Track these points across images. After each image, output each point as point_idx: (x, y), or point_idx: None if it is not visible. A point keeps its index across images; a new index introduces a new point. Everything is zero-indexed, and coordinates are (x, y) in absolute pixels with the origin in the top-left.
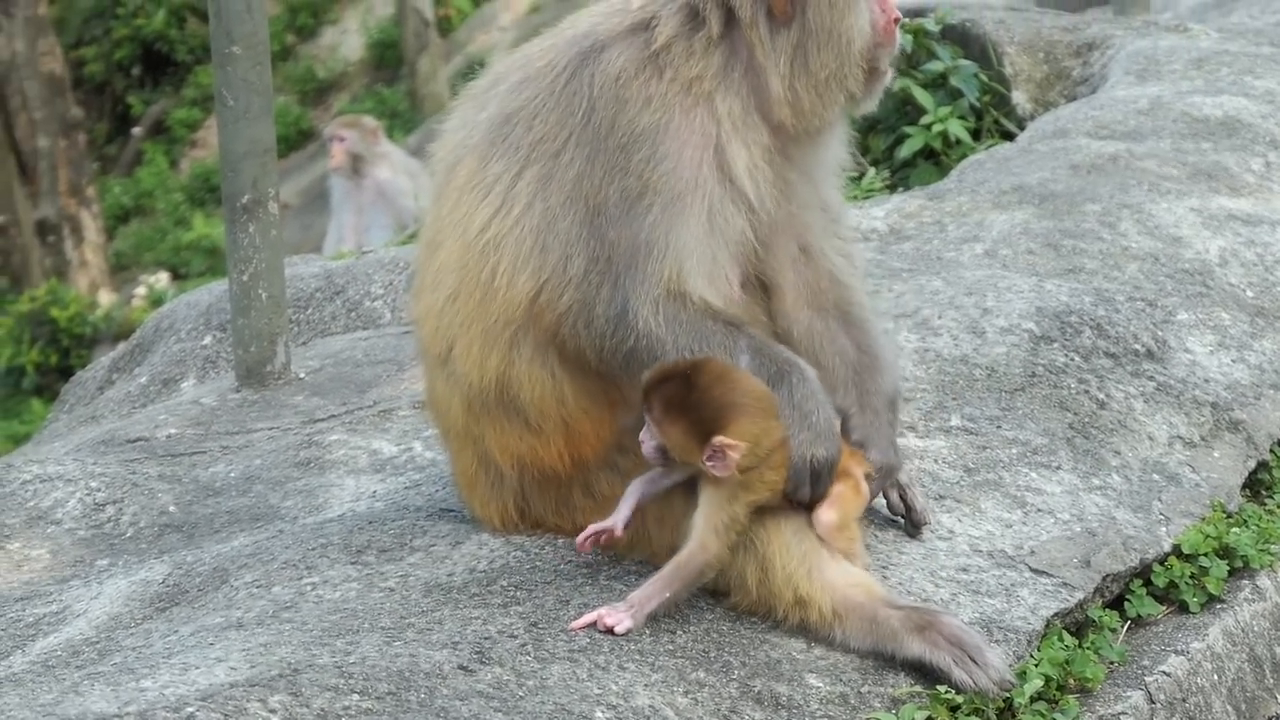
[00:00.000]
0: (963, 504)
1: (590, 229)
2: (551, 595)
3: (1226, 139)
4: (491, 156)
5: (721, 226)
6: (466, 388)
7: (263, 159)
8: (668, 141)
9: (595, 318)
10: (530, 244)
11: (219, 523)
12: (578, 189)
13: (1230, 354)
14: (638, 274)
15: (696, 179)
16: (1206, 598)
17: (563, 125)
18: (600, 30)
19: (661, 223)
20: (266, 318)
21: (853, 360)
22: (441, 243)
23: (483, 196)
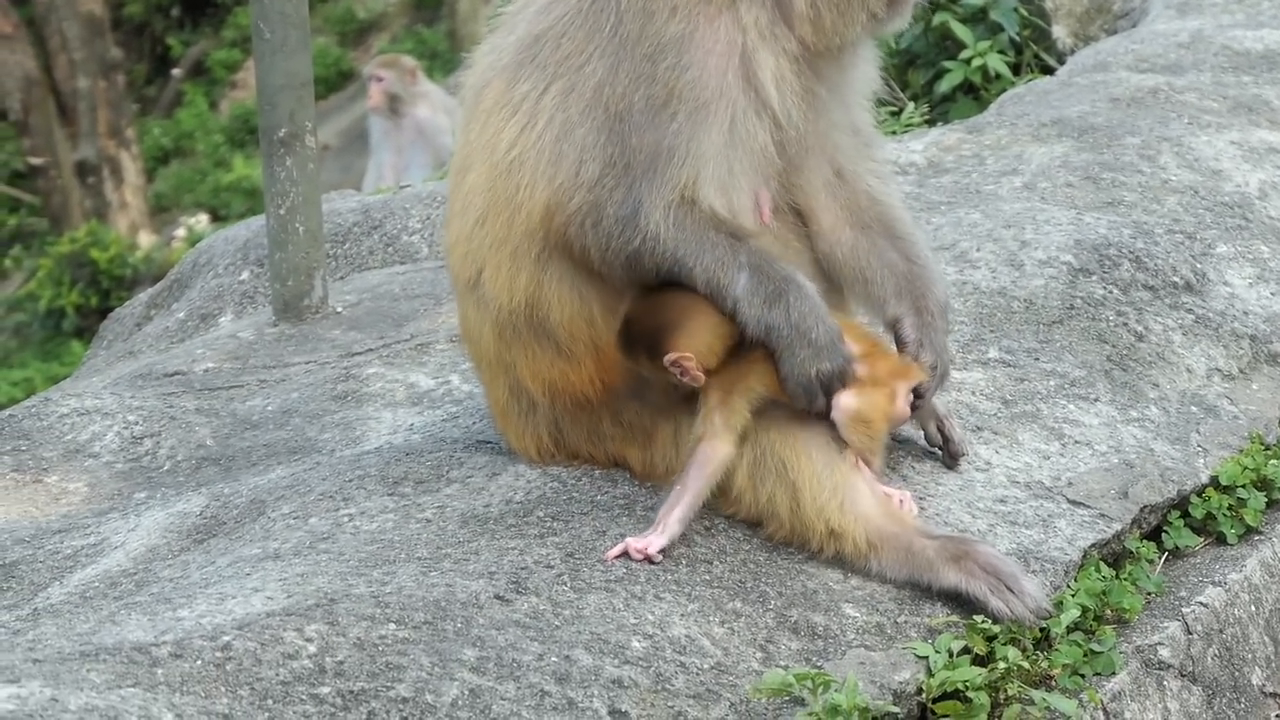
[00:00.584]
0: (1000, 436)
1: (609, 134)
2: (588, 526)
3: (1267, 72)
4: (520, 77)
5: (743, 137)
6: (496, 312)
7: (299, 92)
8: (693, 49)
9: (605, 218)
10: (550, 154)
11: (256, 456)
12: (598, 97)
13: (1270, 286)
14: (656, 178)
15: (721, 87)
16: (1244, 529)
17: (590, 39)
18: None
19: (685, 129)
20: (303, 252)
21: (903, 271)
22: (470, 166)
23: (510, 116)
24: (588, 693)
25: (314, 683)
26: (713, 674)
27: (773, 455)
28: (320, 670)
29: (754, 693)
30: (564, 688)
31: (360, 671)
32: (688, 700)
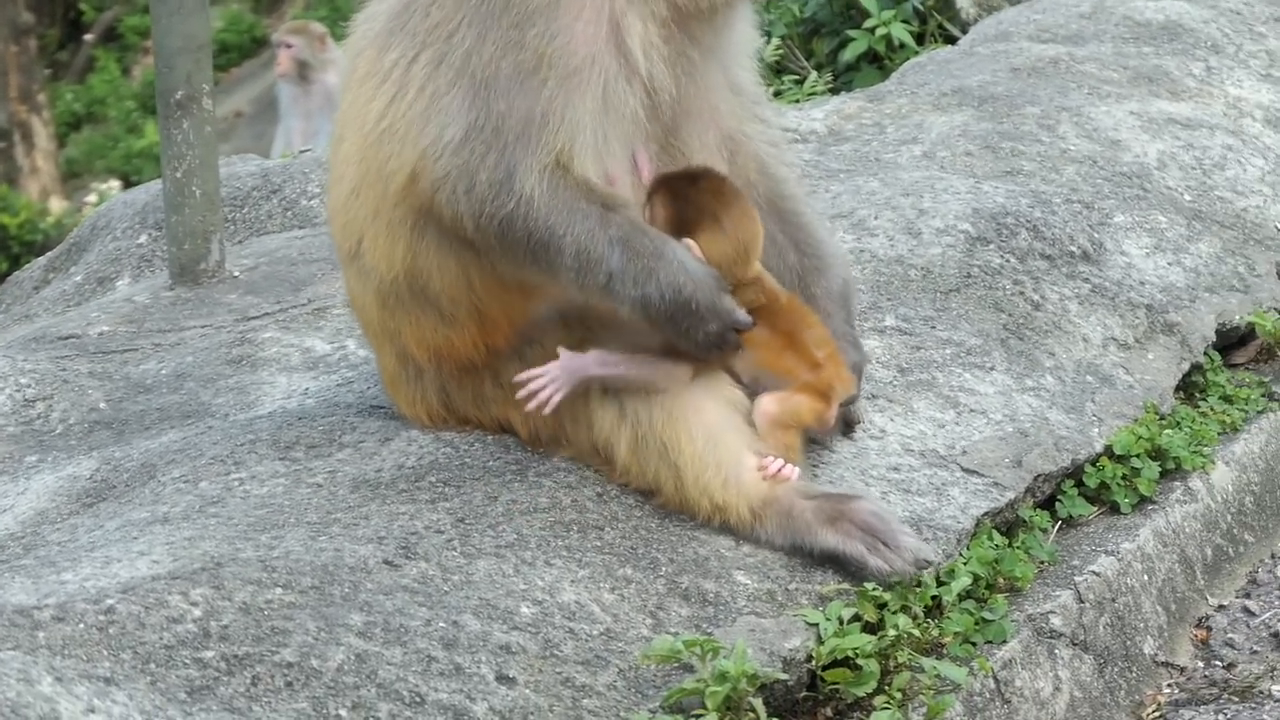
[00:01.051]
0: (895, 404)
1: (474, 100)
2: (480, 491)
3: (1168, 43)
4: (390, 45)
5: (616, 104)
6: (378, 281)
7: (196, 55)
8: (562, 16)
9: (478, 184)
10: (419, 123)
11: (149, 420)
12: (466, 64)
13: (1166, 257)
14: (530, 143)
15: (592, 53)
16: (1138, 499)
17: (459, 8)
18: None
19: (558, 96)
20: (200, 215)
21: (795, 265)
22: (344, 136)
23: (379, 85)
24: (475, 658)
25: (198, 646)
26: (602, 640)
27: (654, 437)
28: (205, 634)
29: (643, 659)
30: (451, 653)
31: (245, 636)
32: (576, 666)
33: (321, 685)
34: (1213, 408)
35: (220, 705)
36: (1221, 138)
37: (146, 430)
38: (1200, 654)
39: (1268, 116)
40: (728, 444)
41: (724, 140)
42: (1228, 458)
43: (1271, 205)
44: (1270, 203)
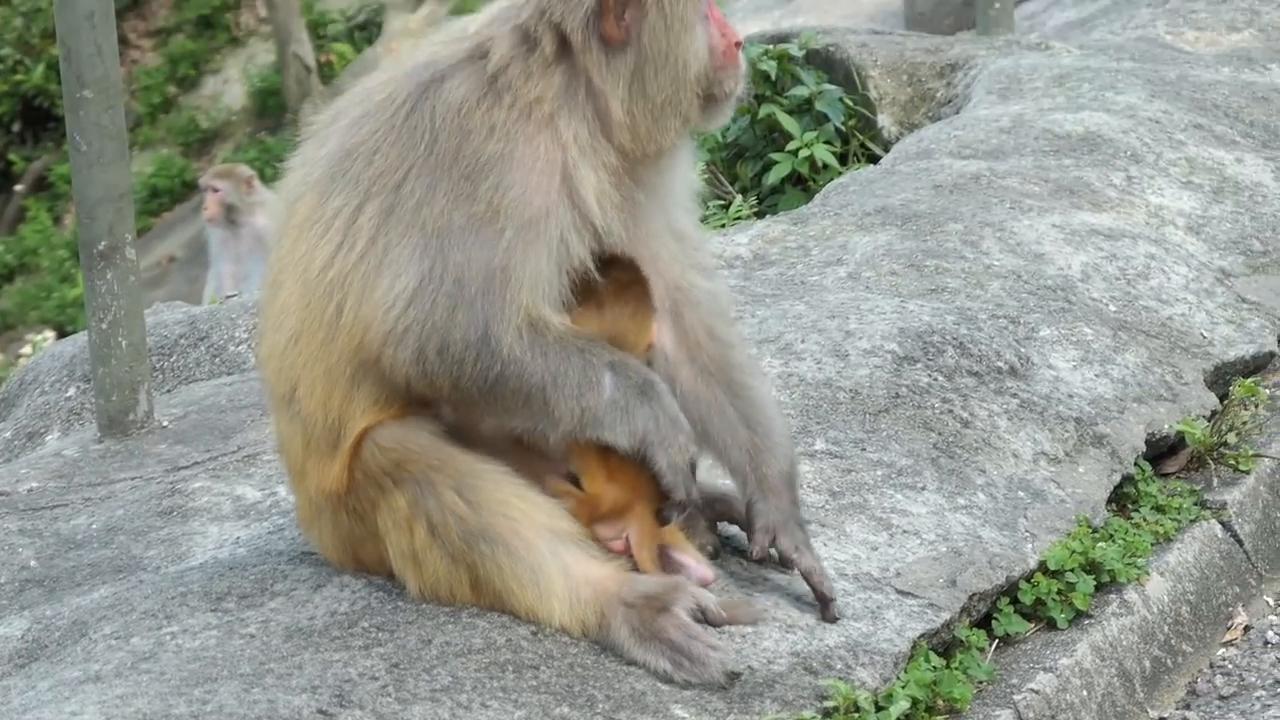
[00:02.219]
0: (828, 528)
1: (429, 253)
2: (413, 635)
3: (1088, 154)
4: (331, 192)
5: (569, 254)
6: (311, 428)
7: (118, 204)
8: (515, 169)
9: (451, 344)
10: (373, 278)
11: (80, 575)
12: (417, 217)
13: (1093, 369)
14: (496, 299)
15: (547, 206)
16: (1074, 614)
17: (404, 158)
18: (440, 59)
19: (517, 248)
20: (127, 366)
21: (745, 442)
22: (283, 282)
23: (323, 233)
24: None
25: None
26: None
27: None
28: None
29: None
30: None
31: None
32: None
33: None
34: (1145, 518)
35: None
36: (1144, 247)
37: (78, 587)
38: None
39: (1190, 224)
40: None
41: (669, 290)
42: (1162, 568)
43: (1196, 313)
44: (1195, 310)
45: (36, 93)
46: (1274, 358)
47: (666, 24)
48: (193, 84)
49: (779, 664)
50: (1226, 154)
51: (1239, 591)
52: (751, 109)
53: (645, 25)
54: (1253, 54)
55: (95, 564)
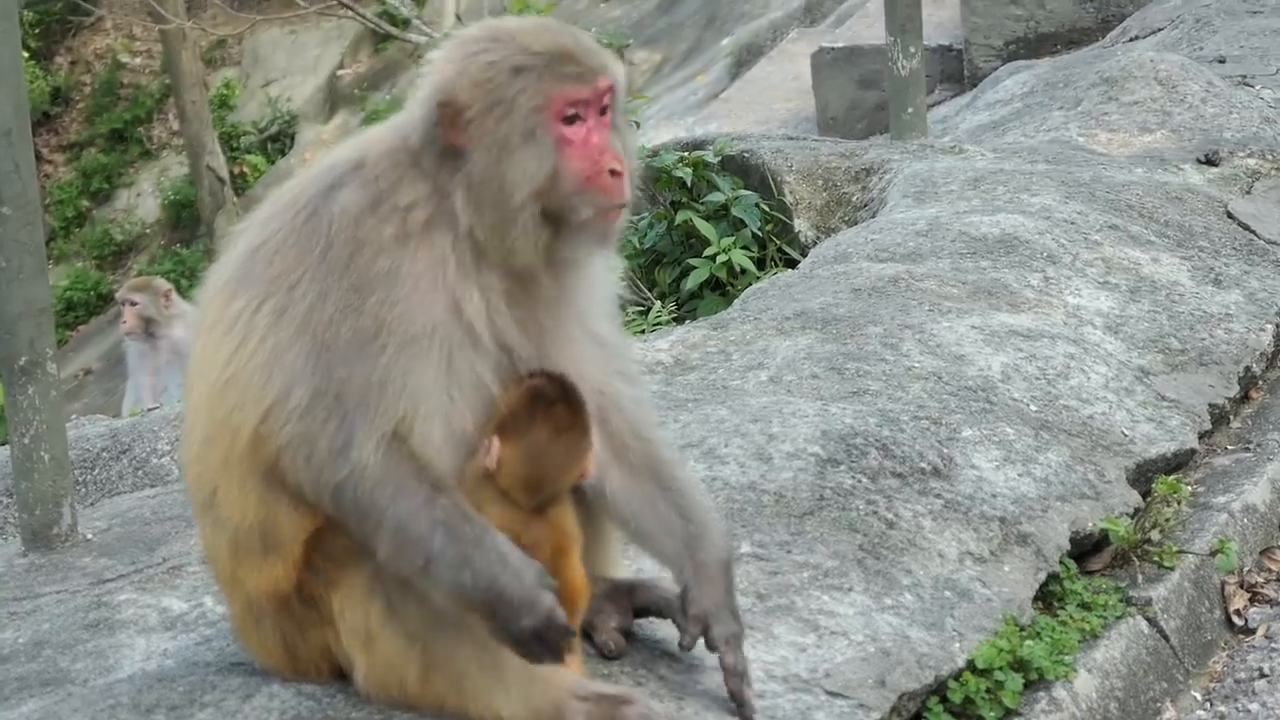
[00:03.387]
0: (756, 630)
1: (317, 363)
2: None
3: (1005, 256)
4: (236, 293)
5: (461, 370)
6: (233, 531)
7: (39, 319)
8: (400, 285)
9: (317, 451)
10: (260, 378)
11: (8, 690)
12: (307, 323)
13: (1016, 468)
14: (369, 412)
15: (433, 322)
16: (1003, 712)
17: (300, 261)
18: (338, 165)
19: (397, 364)
20: (50, 480)
21: (680, 532)
22: (194, 384)
23: (225, 333)
24: None
25: None
26: None
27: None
28: None
29: None
30: None
31: None
32: None
33: None
34: (1072, 616)
35: None
36: (1063, 347)
37: (5, 701)
38: None
39: (1107, 323)
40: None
41: (593, 395)
42: (1090, 665)
43: (1116, 411)
44: (1115, 409)
45: None
46: (1194, 455)
47: (488, 143)
48: (106, 197)
49: None
50: (1142, 254)
51: (1166, 687)
52: (668, 215)
53: (474, 143)
54: (1165, 154)
55: (22, 678)
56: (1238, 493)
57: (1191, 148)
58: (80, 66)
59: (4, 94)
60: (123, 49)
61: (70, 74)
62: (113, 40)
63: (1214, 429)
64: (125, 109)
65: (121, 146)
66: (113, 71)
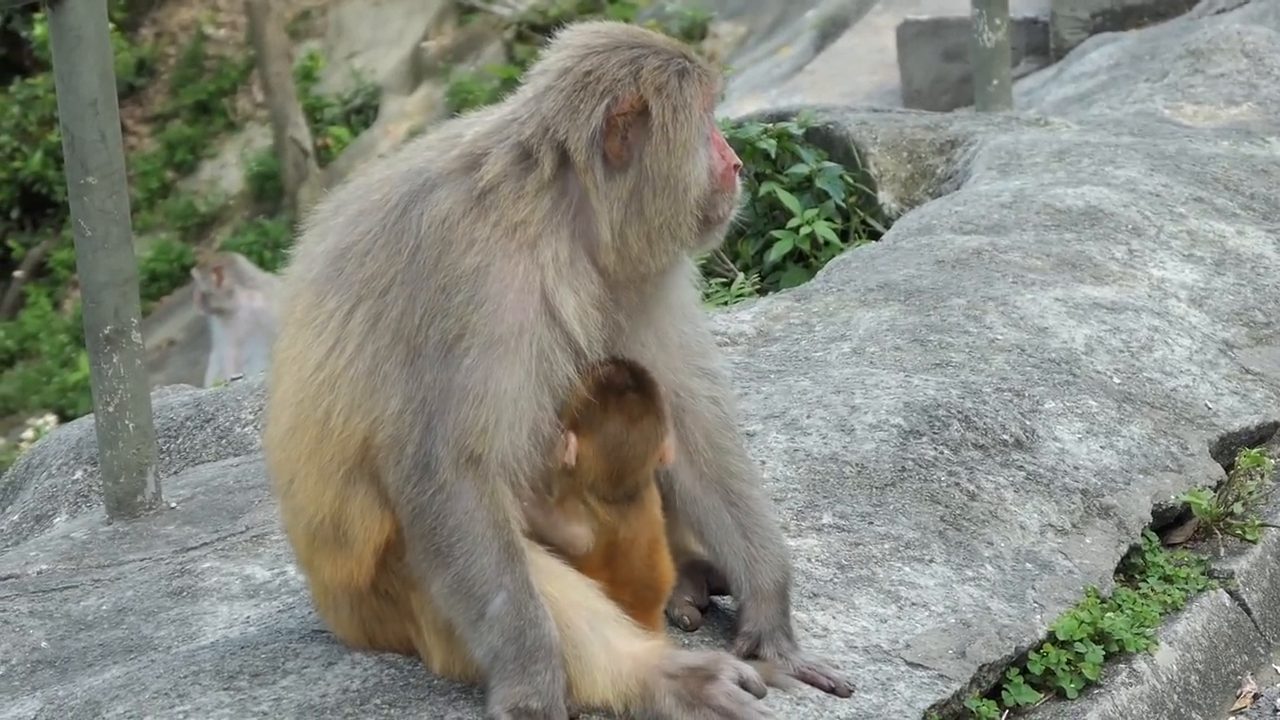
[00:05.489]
0: (837, 601)
1: (410, 370)
2: (426, 712)
3: (1089, 228)
4: (327, 292)
5: (549, 373)
6: (308, 519)
7: (124, 288)
8: (489, 284)
9: (404, 457)
10: (362, 387)
11: (91, 656)
12: (400, 328)
13: (1099, 440)
14: (449, 419)
15: (521, 324)
16: (1084, 683)
17: (391, 263)
18: (433, 167)
19: (479, 366)
20: (134, 448)
21: (741, 551)
22: (282, 376)
23: (317, 334)
24: None
25: None
26: None
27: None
28: None
29: None
30: None
31: None
32: None
33: None
34: (1153, 588)
35: None
36: (1147, 319)
37: (89, 667)
38: None
39: (1192, 296)
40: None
41: (668, 396)
42: (1170, 638)
43: (1200, 384)
44: (1199, 382)
45: (35, 179)
46: (1278, 428)
47: (669, 146)
48: (190, 169)
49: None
50: (1228, 226)
51: (1247, 660)
52: (752, 186)
53: (648, 147)
54: (1251, 127)
55: (106, 644)
56: None
57: (1278, 120)
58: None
59: (90, 65)
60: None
61: (155, 46)
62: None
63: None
64: (210, 81)
65: (206, 118)
66: (197, 43)
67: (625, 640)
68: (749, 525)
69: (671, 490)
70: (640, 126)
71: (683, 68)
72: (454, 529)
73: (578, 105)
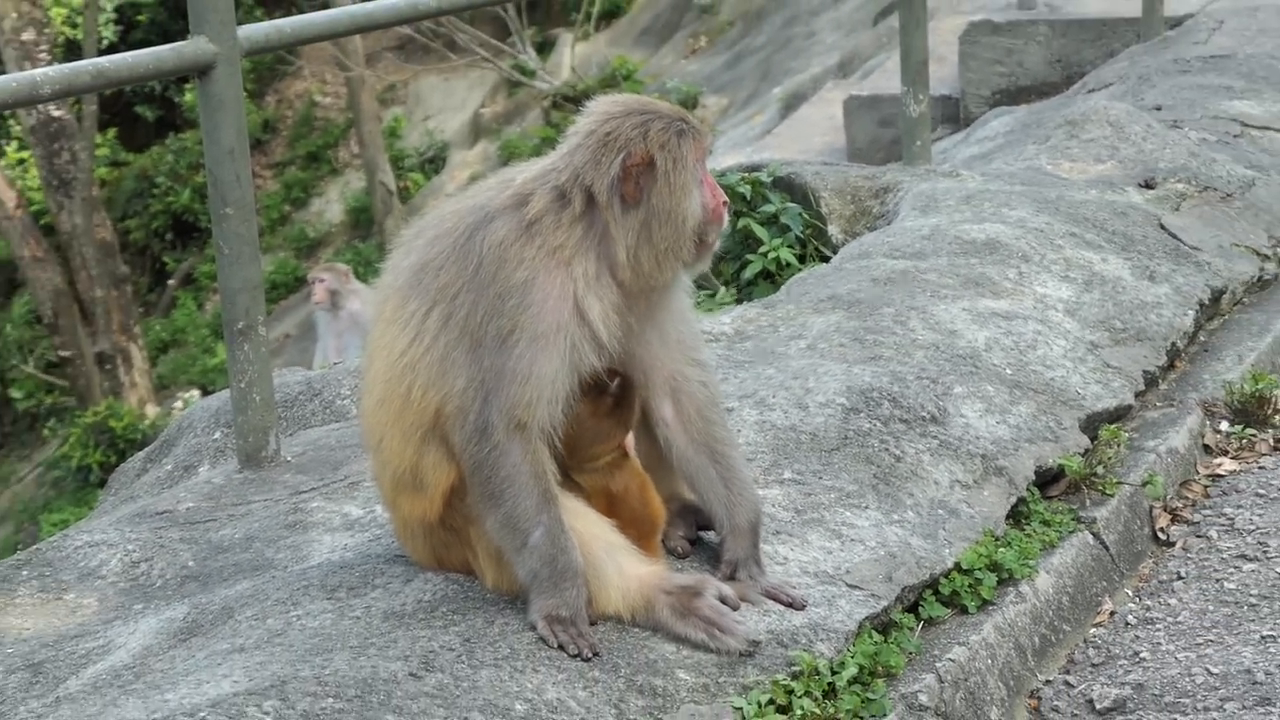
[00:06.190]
0: (794, 537)
1: (473, 356)
2: (481, 617)
3: (989, 255)
4: (410, 297)
5: (577, 360)
6: (393, 470)
7: (252, 293)
8: (534, 292)
9: (467, 423)
10: (436, 369)
11: (226, 573)
12: (466, 325)
13: (995, 417)
14: (503, 393)
15: (558, 323)
16: (981, 602)
17: (459, 275)
18: (492, 204)
19: (526, 355)
20: (260, 415)
21: (722, 497)
22: (374, 360)
23: (402, 329)
24: None
25: None
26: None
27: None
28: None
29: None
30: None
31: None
32: None
33: None
34: (1035, 530)
35: None
36: (1032, 325)
37: (225, 581)
38: (1033, 718)
39: (1067, 308)
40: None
41: (669, 379)
42: (1048, 568)
43: (1072, 375)
44: (1071, 374)
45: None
46: (1131, 409)
47: (671, 189)
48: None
49: (758, 639)
50: (1094, 255)
51: (1105, 585)
52: (731, 221)
53: (654, 189)
54: (1113, 180)
55: (238, 564)
56: (1163, 439)
57: (1134, 175)
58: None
59: (229, 123)
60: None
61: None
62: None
63: (1146, 390)
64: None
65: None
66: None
67: (633, 565)
68: (728, 478)
69: (670, 451)
70: (648, 174)
71: (681, 128)
72: (504, 478)
73: (600, 158)
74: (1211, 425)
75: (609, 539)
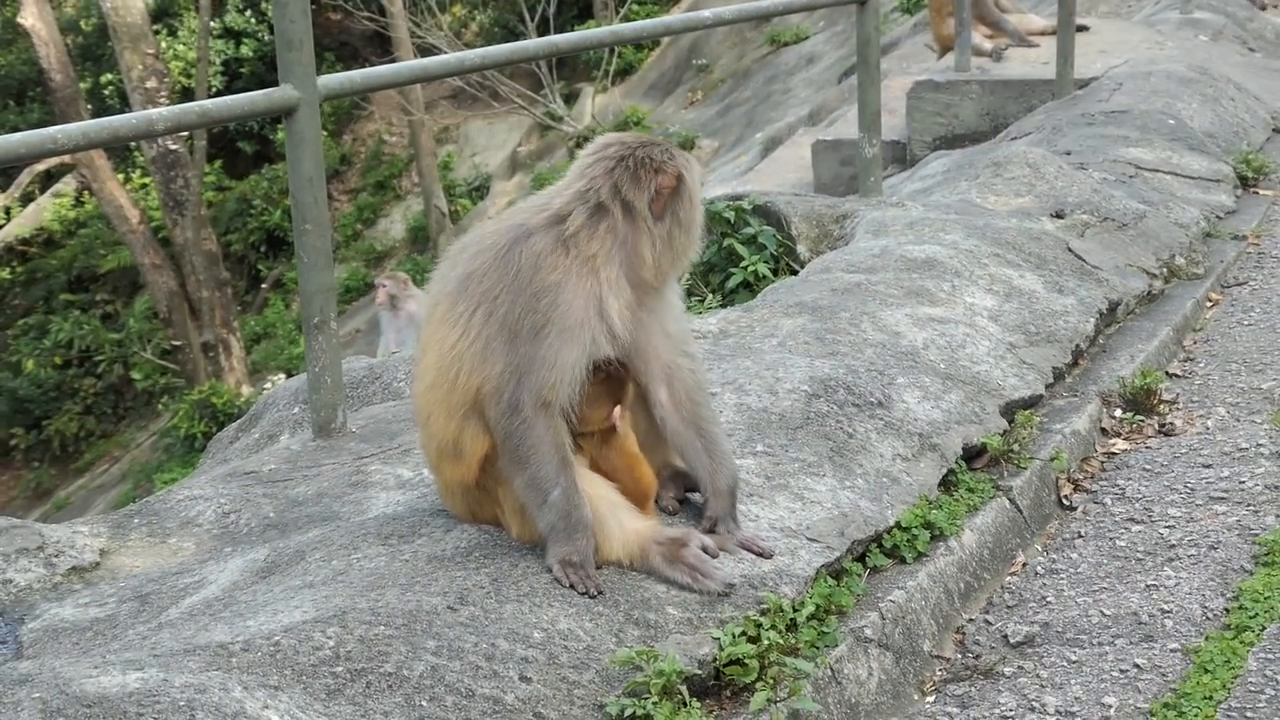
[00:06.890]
0: (764, 499)
1: (510, 346)
2: (507, 561)
3: (928, 271)
4: (459, 300)
5: (595, 351)
6: (438, 441)
7: (327, 295)
8: (565, 293)
9: (501, 401)
10: (478, 357)
11: (301, 523)
12: (505, 320)
13: (930, 403)
14: (533, 376)
15: (584, 319)
16: (917, 554)
17: (500, 280)
18: (530, 223)
19: (555, 344)
20: (331, 394)
21: (706, 466)
22: (427, 351)
23: (451, 326)
24: (505, 666)
25: (332, 664)
26: (585, 652)
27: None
28: (336, 656)
29: (611, 663)
30: (490, 663)
31: (361, 656)
32: (569, 669)
33: (410, 686)
34: (962, 496)
35: (347, 701)
36: (962, 329)
37: (299, 529)
38: (958, 650)
39: (991, 315)
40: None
41: (664, 366)
42: (972, 527)
43: (994, 370)
44: (993, 369)
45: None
46: (1042, 398)
47: (691, 203)
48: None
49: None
50: (1014, 273)
51: (1019, 541)
52: (718, 241)
53: (680, 205)
54: (1030, 211)
55: (310, 516)
56: (1068, 422)
57: (1047, 207)
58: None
59: (309, 155)
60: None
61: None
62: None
63: (1055, 383)
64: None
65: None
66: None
67: (631, 520)
68: (711, 449)
69: (664, 428)
70: (674, 191)
71: (689, 163)
72: (530, 446)
73: (640, 177)
74: (1108, 412)
75: (612, 499)
